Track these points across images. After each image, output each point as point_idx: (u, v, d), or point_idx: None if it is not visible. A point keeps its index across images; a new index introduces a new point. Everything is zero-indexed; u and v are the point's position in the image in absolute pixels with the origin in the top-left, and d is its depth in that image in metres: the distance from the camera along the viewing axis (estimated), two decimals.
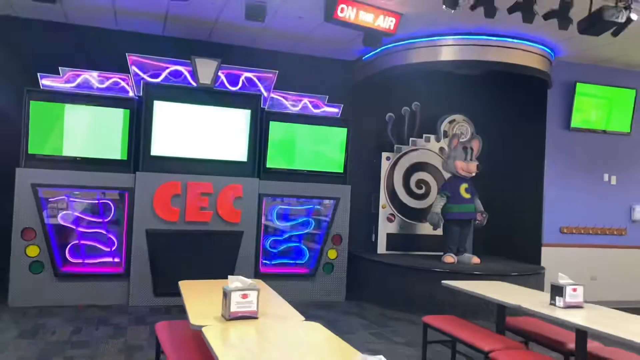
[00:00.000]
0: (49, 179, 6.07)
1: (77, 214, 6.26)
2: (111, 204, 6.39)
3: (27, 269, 6.00)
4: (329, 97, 7.18)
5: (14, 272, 5.96)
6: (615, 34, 4.68)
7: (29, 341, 4.83)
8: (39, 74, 6.14)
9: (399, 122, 8.10)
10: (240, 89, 6.75)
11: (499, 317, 4.34)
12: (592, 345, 3.72)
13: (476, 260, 7.09)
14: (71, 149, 6.19)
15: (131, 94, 6.41)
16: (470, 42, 6.75)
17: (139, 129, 6.40)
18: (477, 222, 7.26)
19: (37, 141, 6.07)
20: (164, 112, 6.44)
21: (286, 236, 7.06)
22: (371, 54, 7.47)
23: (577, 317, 3.48)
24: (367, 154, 7.93)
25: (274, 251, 7.02)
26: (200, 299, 3.40)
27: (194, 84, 6.56)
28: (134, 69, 6.37)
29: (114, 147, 6.33)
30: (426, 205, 7.95)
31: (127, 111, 6.33)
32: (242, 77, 6.74)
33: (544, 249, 7.45)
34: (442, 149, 8.05)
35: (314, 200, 7.10)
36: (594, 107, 7.58)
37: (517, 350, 3.74)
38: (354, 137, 7.26)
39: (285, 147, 6.99)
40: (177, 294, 6.42)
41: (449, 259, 7.04)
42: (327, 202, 7.12)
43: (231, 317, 2.83)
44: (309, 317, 3.11)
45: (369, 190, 7.95)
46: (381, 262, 7.05)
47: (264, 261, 6.93)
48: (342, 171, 7.21)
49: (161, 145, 6.46)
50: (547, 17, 4.60)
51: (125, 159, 6.36)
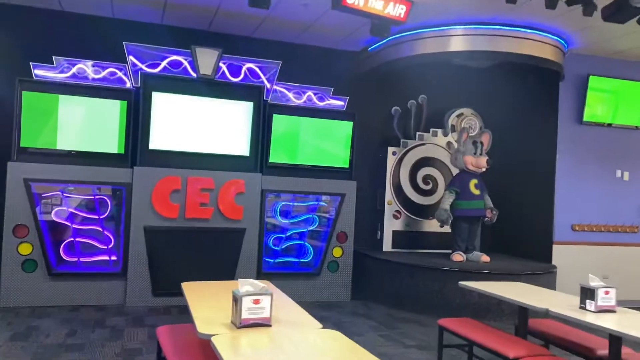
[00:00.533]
0: (43, 173, 5.79)
1: (72, 210, 5.98)
2: (108, 200, 6.12)
3: (19, 267, 5.73)
4: (333, 90, 6.92)
5: (5, 270, 5.69)
6: None
7: (21, 344, 4.57)
8: (31, 64, 5.84)
9: (405, 116, 7.85)
10: (242, 80, 6.47)
11: (521, 320, 4.10)
12: (624, 351, 3.49)
13: (486, 258, 6.86)
14: (65, 142, 5.91)
15: (128, 85, 6.12)
16: (481, 32, 6.49)
17: (137, 122, 6.13)
18: (486, 219, 7.02)
19: (29, 134, 5.78)
20: (162, 104, 6.16)
21: (289, 234, 6.80)
22: (378, 44, 7.21)
23: (610, 322, 3.25)
24: (372, 149, 7.68)
25: (277, 249, 6.76)
26: (206, 303, 3.14)
27: (194, 74, 6.28)
28: (132, 58, 6.09)
29: (110, 141, 6.05)
30: (433, 201, 7.72)
31: (124, 103, 6.05)
32: (244, 68, 6.47)
33: (555, 247, 7.21)
34: (449, 144, 7.81)
35: (319, 196, 6.84)
36: (606, 101, 7.34)
37: (545, 357, 3.50)
38: (358, 130, 7.00)
39: (288, 141, 6.73)
40: (177, 293, 6.20)
41: (458, 257, 6.80)
42: (332, 198, 6.86)
43: (242, 325, 2.58)
44: (313, 318, 2.87)
45: (374, 186, 7.70)
46: (388, 260, 6.80)
47: (267, 259, 6.68)
48: (347, 166, 6.95)
49: (160, 138, 6.18)
50: (570, 2, 4.35)
51: (122, 152, 6.08)
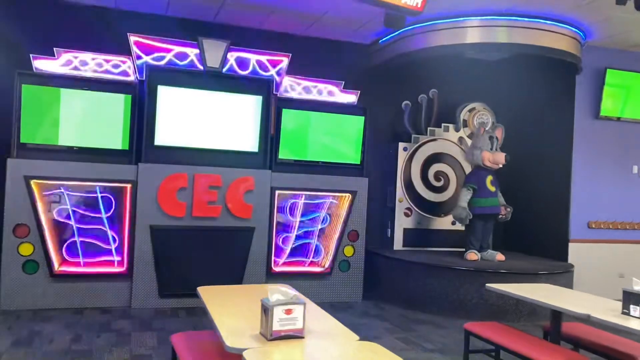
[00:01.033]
0: (44, 170, 5.54)
1: (74, 208, 5.74)
2: (112, 198, 5.88)
3: (20, 268, 5.49)
4: (343, 84, 6.70)
5: (5, 272, 5.45)
6: None
7: (25, 350, 4.34)
8: (31, 56, 5.59)
9: (415, 111, 7.63)
10: (250, 73, 6.24)
11: (554, 324, 3.90)
12: None
13: (500, 257, 6.67)
14: (67, 138, 5.67)
15: (133, 78, 5.88)
16: (497, 24, 6.27)
17: (142, 117, 5.88)
18: (501, 216, 6.83)
19: (30, 129, 5.54)
20: (168, 98, 5.92)
21: (299, 232, 6.58)
22: (389, 36, 6.98)
23: None
24: (381, 144, 7.46)
25: (287, 248, 6.54)
26: (227, 310, 2.91)
27: (201, 67, 6.04)
28: (136, 50, 5.84)
29: (114, 136, 5.81)
30: (445, 198, 7.52)
31: (129, 97, 5.81)
32: (253, 61, 6.23)
33: (570, 245, 7.02)
34: (461, 139, 7.60)
35: (329, 193, 6.62)
36: (623, 95, 7.14)
37: None
38: (368, 126, 6.78)
39: (298, 137, 6.50)
40: (184, 295, 6.01)
41: (472, 256, 6.60)
42: (343, 195, 6.65)
43: (274, 337, 2.36)
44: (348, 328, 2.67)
45: (384, 182, 7.49)
46: (401, 259, 6.60)
47: (276, 259, 6.45)
48: (359, 163, 6.74)
49: (166, 134, 5.95)
50: None
51: (126, 149, 5.85)
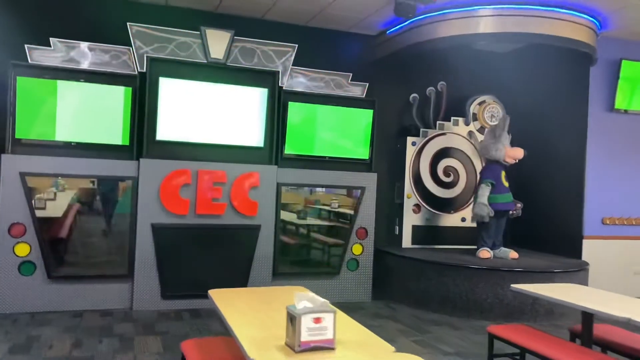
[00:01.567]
0: (40, 167, 5.29)
1: (72, 206, 5.48)
2: (112, 196, 5.62)
3: (16, 270, 5.23)
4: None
5: (1, 274, 5.19)
6: None
7: (22, 357, 4.10)
8: (26, 46, 5.31)
9: (423, 104, 7.41)
10: (255, 64, 5.99)
11: (586, 327, 3.68)
12: None
13: (514, 254, 6.45)
14: (65, 133, 5.40)
15: (133, 70, 5.62)
16: (511, 13, 6.03)
17: (143, 110, 5.63)
18: (512, 212, 6.62)
19: (25, 124, 5.27)
20: (170, 91, 5.67)
21: (306, 230, 6.35)
22: (397, 27, 6.74)
23: None
24: (389, 139, 7.21)
25: (293, 247, 6.30)
26: (245, 318, 2.68)
27: (204, 58, 5.79)
28: (136, 41, 5.58)
29: (114, 131, 5.55)
30: (454, 194, 7.31)
31: (129, 89, 5.55)
32: (258, 52, 5.98)
33: (584, 242, 6.82)
34: (471, 133, 7.38)
35: (337, 190, 6.38)
36: (637, 87, 6.93)
37: None
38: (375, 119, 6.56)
39: (305, 131, 6.26)
40: (188, 296, 5.76)
41: (485, 253, 6.39)
42: (351, 192, 6.42)
43: (302, 349, 2.13)
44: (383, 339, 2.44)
45: (392, 178, 7.26)
46: (412, 258, 6.37)
47: (283, 258, 6.22)
48: (367, 157, 6.51)
49: (168, 128, 5.69)
50: None
51: (127, 144, 5.59)
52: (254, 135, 6.02)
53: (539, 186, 7.28)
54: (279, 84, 6.08)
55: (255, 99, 5.99)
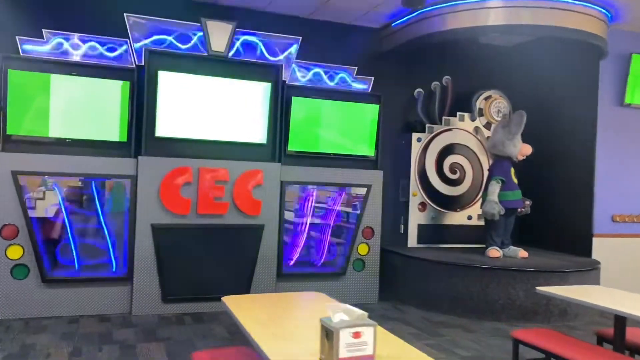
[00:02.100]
0: (33, 165, 5.02)
1: (67, 207, 5.22)
2: (109, 195, 5.37)
3: (8, 274, 4.97)
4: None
5: None
6: None
7: None
8: (18, 38, 5.04)
9: (428, 99, 7.20)
10: (258, 58, 5.75)
11: (619, 332, 3.50)
12: None
13: (523, 253, 6.28)
14: (59, 129, 5.14)
15: (131, 63, 5.35)
16: (521, 4, 5.84)
17: (141, 105, 5.38)
18: (521, 210, 6.45)
19: (16, 119, 5.00)
20: (170, 85, 5.41)
21: (311, 230, 6.13)
22: (402, 19, 6.53)
23: None
24: (393, 135, 7.00)
25: (298, 247, 6.09)
26: (269, 330, 2.45)
27: (205, 51, 5.54)
28: (134, 32, 5.32)
29: (111, 127, 5.30)
30: (460, 192, 7.12)
31: (127, 83, 5.29)
32: (261, 45, 5.74)
33: (594, 240, 6.66)
34: (477, 129, 7.19)
35: (342, 188, 6.18)
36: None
37: None
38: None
39: (308, 127, 6.04)
40: (189, 299, 5.51)
41: (495, 253, 6.21)
42: (356, 190, 6.21)
43: None
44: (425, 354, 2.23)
45: (396, 175, 7.05)
46: (419, 258, 6.18)
47: (287, 259, 5.99)
48: (373, 154, 6.30)
49: (167, 124, 5.44)
50: None
51: (124, 141, 5.34)
52: (256, 131, 5.78)
53: (547, 183, 7.11)
54: (282, 78, 5.85)
55: (257, 93, 5.75)
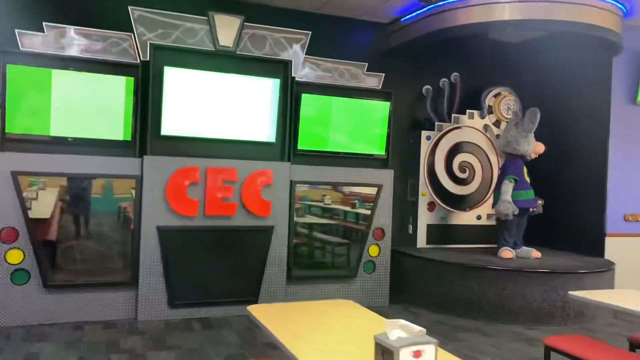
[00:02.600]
0: (33, 165, 4.79)
1: (69, 208, 4.99)
2: (112, 196, 5.15)
3: (8, 279, 4.75)
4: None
5: None
6: None
7: None
8: (17, 31, 4.80)
9: (436, 96, 7.04)
10: (266, 53, 5.55)
11: None
12: None
13: (537, 254, 6.16)
14: (61, 128, 4.91)
15: (135, 58, 5.13)
16: None
17: (146, 102, 5.17)
18: (534, 210, 6.32)
19: (16, 117, 4.77)
20: (176, 81, 5.20)
21: (321, 231, 5.95)
22: (413, 14, 6.35)
23: None
24: (401, 132, 6.81)
25: (308, 250, 5.90)
26: (309, 344, 2.27)
27: (213, 46, 5.34)
28: (139, 26, 5.10)
29: (114, 125, 5.08)
30: (470, 191, 6.96)
31: (131, 79, 5.07)
32: (269, 39, 5.54)
33: (607, 240, 6.55)
34: (486, 127, 7.05)
35: (353, 187, 6.00)
36: None
37: None
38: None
39: (318, 125, 5.85)
40: (197, 304, 5.31)
41: (508, 253, 6.07)
42: (367, 190, 6.04)
43: None
44: None
45: (404, 175, 6.86)
46: (432, 259, 6.02)
47: (297, 261, 5.80)
48: (383, 153, 6.13)
49: (173, 122, 5.24)
50: None
51: (129, 139, 5.12)
52: (265, 129, 5.59)
53: (559, 182, 6.97)
54: (292, 75, 5.66)
55: (266, 90, 5.56)
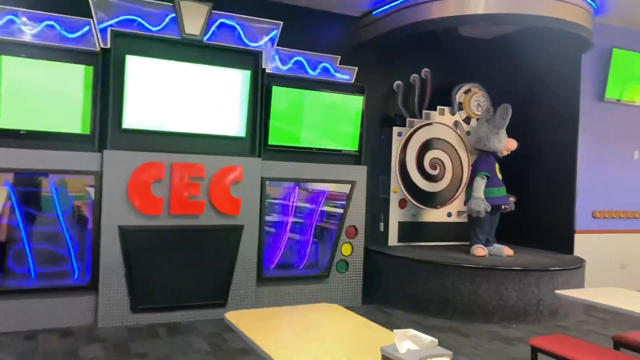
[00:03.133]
0: None
1: (22, 208, 4.61)
2: (70, 194, 4.79)
3: None
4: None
5: None
6: None
7: None
8: None
9: (407, 92, 6.91)
10: (236, 43, 5.28)
11: None
12: None
13: (509, 251, 6.12)
14: (12, 120, 4.52)
15: (95, 46, 4.77)
16: None
17: (106, 93, 4.82)
18: (505, 207, 6.28)
19: None
20: (139, 71, 4.87)
21: (292, 230, 5.73)
22: (385, 7, 6.20)
23: None
24: (372, 129, 6.66)
25: (279, 249, 5.67)
26: (300, 355, 2.05)
27: (178, 34, 5.03)
28: (98, 12, 4.74)
29: (71, 118, 4.71)
30: (441, 188, 6.87)
31: (89, 68, 4.72)
32: (239, 29, 5.28)
33: (576, 236, 6.57)
34: (457, 123, 6.97)
35: (326, 184, 5.80)
36: (628, 78, 6.74)
37: None
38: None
39: (290, 119, 5.62)
40: (162, 308, 5.00)
41: (480, 251, 6.00)
42: (340, 186, 5.86)
43: None
44: None
45: (375, 171, 6.70)
46: (406, 257, 5.88)
47: (268, 262, 5.57)
48: (357, 149, 5.96)
49: (136, 114, 4.91)
50: None
51: (87, 133, 4.77)
52: (234, 123, 5.33)
53: (528, 179, 6.96)
54: (262, 66, 5.41)
55: (235, 82, 5.29)
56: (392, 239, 6.63)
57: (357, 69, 5.94)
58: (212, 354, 4.20)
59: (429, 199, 6.83)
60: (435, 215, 6.89)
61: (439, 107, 6.90)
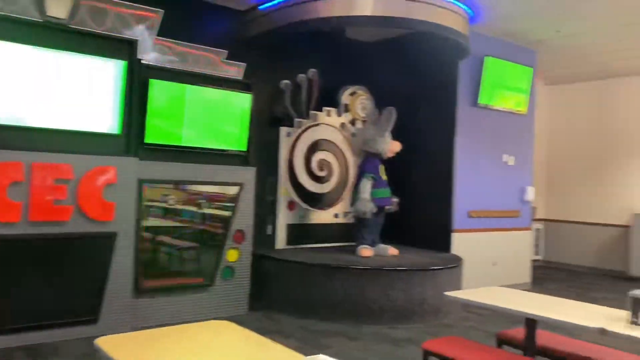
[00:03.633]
0: None
1: None
2: None
3: None
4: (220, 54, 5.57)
5: None
6: None
7: None
8: None
9: (295, 92, 6.76)
10: (108, 30, 4.77)
11: (530, 336, 3.39)
12: None
13: (393, 251, 6.22)
14: None
15: None
16: None
17: None
18: (389, 208, 6.37)
19: None
20: None
21: (174, 236, 5.31)
22: (270, 3, 6.00)
23: None
24: (260, 128, 6.41)
25: (159, 257, 5.22)
26: None
27: (39, 16, 4.42)
28: None
29: None
30: (328, 189, 6.80)
31: None
32: (112, 14, 4.76)
33: (453, 235, 6.86)
34: (343, 125, 6.96)
35: (210, 187, 5.46)
36: (498, 84, 7.17)
37: None
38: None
39: (170, 116, 5.21)
40: (22, 329, 4.31)
41: (366, 252, 6.02)
42: (226, 189, 5.55)
43: None
44: None
45: (263, 172, 6.45)
46: (293, 261, 5.72)
47: (147, 271, 5.09)
48: (244, 149, 5.69)
49: None
50: None
51: None
52: (106, 119, 4.80)
53: (410, 180, 7.12)
54: (139, 56, 4.94)
55: (108, 73, 4.77)
56: (280, 241, 6.45)
57: (245, 65, 5.67)
58: None
59: (317, 201, 6.74)
60: (322, 216, 6.82)
61: (325, 108, 6.84)
